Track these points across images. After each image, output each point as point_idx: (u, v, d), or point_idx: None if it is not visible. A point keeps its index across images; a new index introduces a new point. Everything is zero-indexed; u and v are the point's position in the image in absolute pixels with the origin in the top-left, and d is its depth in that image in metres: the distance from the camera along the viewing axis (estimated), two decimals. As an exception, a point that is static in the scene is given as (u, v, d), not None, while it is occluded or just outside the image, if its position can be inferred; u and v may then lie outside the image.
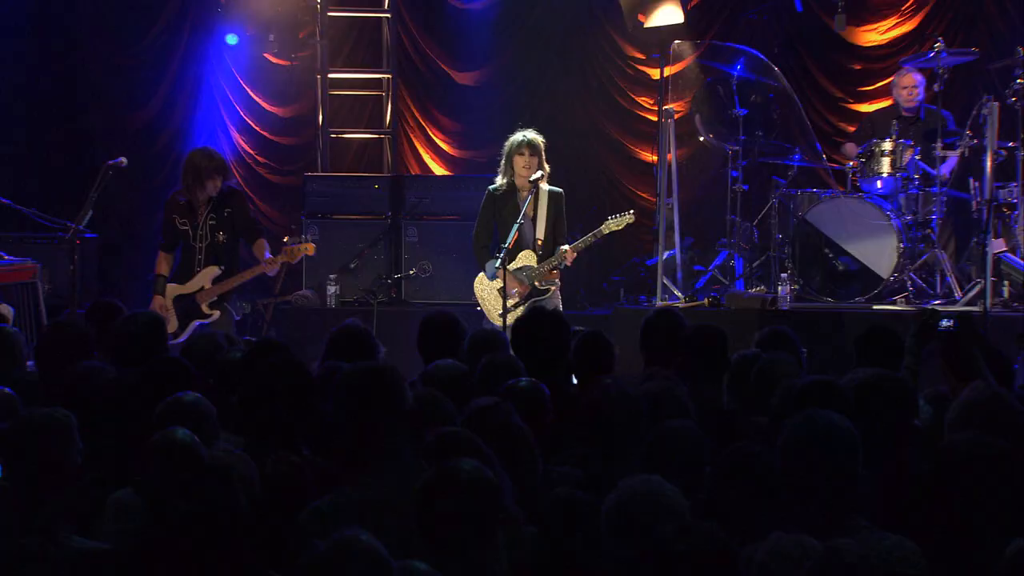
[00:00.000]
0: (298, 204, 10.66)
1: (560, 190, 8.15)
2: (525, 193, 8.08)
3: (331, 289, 10.02)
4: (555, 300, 8.03)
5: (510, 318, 7.82)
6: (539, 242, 8.05)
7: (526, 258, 8.08)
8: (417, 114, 11.80)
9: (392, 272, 10.27)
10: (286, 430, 4.24)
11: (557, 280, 8.09)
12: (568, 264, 7.95)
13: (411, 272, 10.20)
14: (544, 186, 8.07)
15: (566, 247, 7.89)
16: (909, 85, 9.98)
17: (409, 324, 8.11)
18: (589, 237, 7.89)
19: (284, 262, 8.32)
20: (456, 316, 5.71)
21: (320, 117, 11.50)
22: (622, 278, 10.72)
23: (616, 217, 7.96)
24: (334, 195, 10.43)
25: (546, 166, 8.10)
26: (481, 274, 7.97)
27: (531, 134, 8.11)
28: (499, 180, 8.11)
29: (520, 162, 8.02)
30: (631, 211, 7.98)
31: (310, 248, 8.36)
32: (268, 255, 8.22)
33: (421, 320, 5.72)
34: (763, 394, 4.66)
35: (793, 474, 3.59)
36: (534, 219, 8.07)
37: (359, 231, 10.34)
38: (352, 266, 10.20)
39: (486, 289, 8.15)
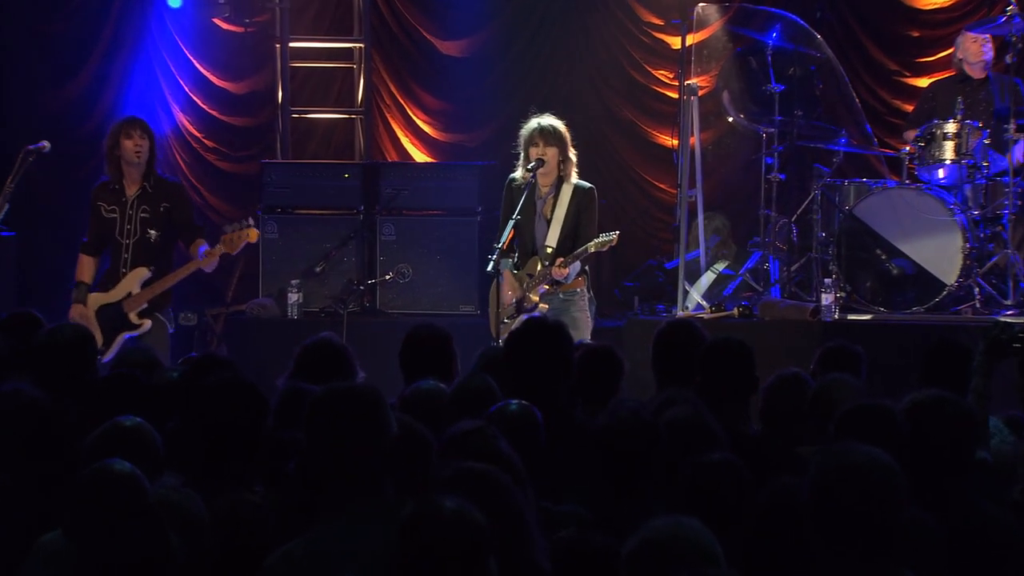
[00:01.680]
0: (253, 196, 10.68)
1: (588, 186, 8.16)
2: (546, 189, 8.12)
3: (293, 297, 10.04)
4: (575, 313, 8.02)
5: (505, 329, 7.87)
6: (548, 249, 8.07)
7: (532, 266, 8.12)
8: (395, 90, 11.84)
9: (365, 277, 10.30)
10: (234, 463, 4.27)
11: (581, 289, 8.10)
12: (558, 278, 7.97)
13: (387, 277, 10.23)
14: (572, 180, 8.10)
15: (560, 259, 7.93)
16: (978, 42, 9.95)
17: (385, 338, 8.18)
18: (577, 253, 7.92)
19: (224, 253, 8.30)
20: (446, 331, 5.75)
21: (280, 93, 11.53)
22: (636, 284, 10.76)
23: (603, 236, 7.94)
24: (296, 186, 10.45)
25: (572, 155, 8.11)
26: (496, 279, 7.99)
27: (547, 119, 8.11)
28: (519, 172, 8.15)
29: (535, 154, 8.04)
30: (616, 232, 7.97)
31: (253, 234, 8.33)
32: (205, 248, 8.24)
33: (406, 334, 5.75)
34: (821, 423, 4.69)
35: (823, 520, 3.57)
36: (550, 220, 8.10)
37: (326, 228, 10.37)
38: (318, 270, 10.22)
39: (491, 295, 8.20)
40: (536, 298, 8.02)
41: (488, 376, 5.12)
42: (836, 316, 9.29)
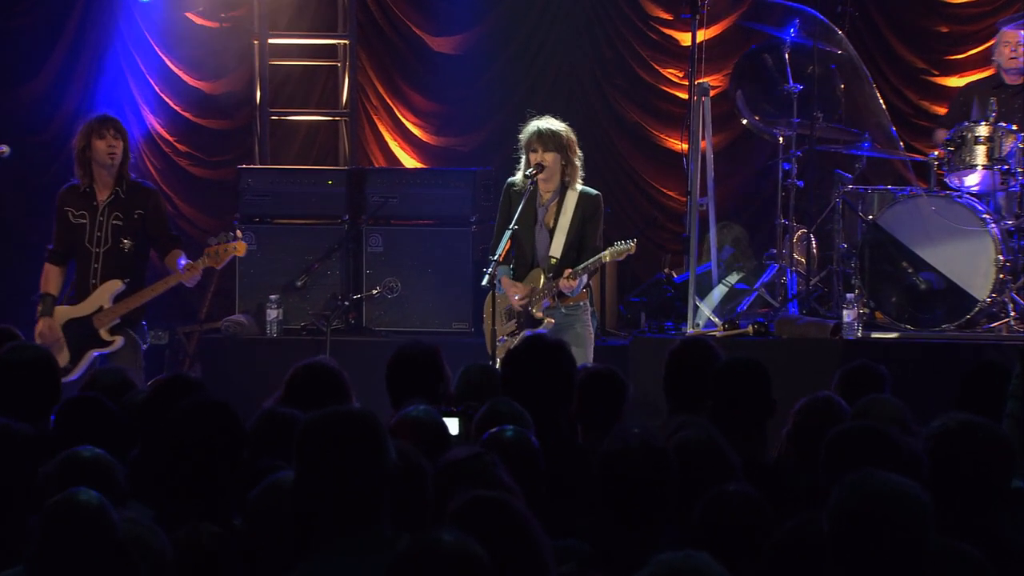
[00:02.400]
0: (229, 204, 10.69)
1: (595, 192, 8.16)
2: (548, 195, 8.12)
3: (272, 313, 10.04)
4: (578, 330, 8.01)
5: (505, 346, 7.87)
6: (552, 260, 8.07)
7: (534, 279, 8.11)
8: (382, 90, 11.85)
9: (350, 292, 10.29)
10: (206, 494, 4.26)
11: (584, 303, 8.09)
12: (565, 291, 7.96)
13: (374, 292, 10.23)
14: (577, 187, 8.10)
15: (568, 270, 7.91)
16: (1013, 42, 9.99)
17: (372, 358, 8.16)
18: (590, 264, 7.92)
19: (208, 267, 8.30)
20: (437, 348, 5.75)
21: (258, 94, 11.53)
22: (643, 299, 10.75)
23: (619, 245, 7.95)
24: (276, 193, 10.46)
25: (576, 160, 8.11)
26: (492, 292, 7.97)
27: (546, 123, 8.11)
28: (519, 176, 8.15)
29: (534, 160, 8.04)
30: (633, 239, 7.98)
31: (240, 248, 8.34)
32: (185, 261, 8.24)
33: (393, 353, 5.75)
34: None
35: (843, 553, 3.53)
36: (552, 230, 8.09)
37: (308, 239, 10.37)
38: (299, 284, 10.22)
39: (487, 309, 8.19)
40: (540, 313, 8.02)
41: (510, 400, 5.10)
42: (859, 334, 9.29)
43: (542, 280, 8.04)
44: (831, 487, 3.66)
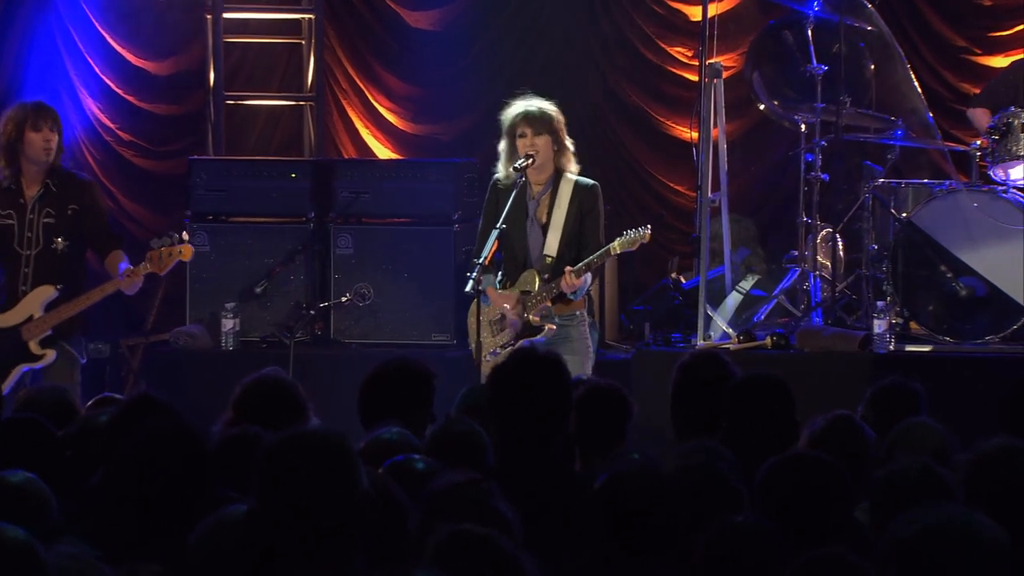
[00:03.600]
0: (179, 201, 10.67)
1: (591, 182, 8.13)
2: (539, 187, 8.10)
3: (228, 324, 10.02)
4: (574, 341, 8.00)
5: (495, 360, 7.84)
6: (547, 259, 8.04)
7: (527, 282, 8.08)
8: (352, 71, 11.84)
9: (316, 299, 10.28)
10: (164, 532, 4.25)
11: (580, 312, 8.06)
12: (567, 292, 7.94)
13: (344, 299, 10.22)
14: (571, 176, 8.07)
15: (570, 268, 7.88)
16: None
17: (340, 374, 8.17)
18: (596, 258, 7.89)
19: (151, 273, 8.28)
20: (427, 368, 5.74)
21: (211, 75, 11.52)
22: (648, 307, 10.74)
23: (630, 233, 7.92)
24: (232, 188, 10.44)
25: (568, 143, 8.08)
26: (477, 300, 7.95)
27: (535, 104, 8.08)
28: (502, 169, 8.12)
29: (523, 147, 8.02)
30: (647, 226, 7.95)
31: (187, 251, 8.32)
32: (125, 266, 8.21)
33: (372, 370, 5.73)
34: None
35: None
36: (546, 226, 8.07)
37: (268, 240, 10.35)
38: (258, 290, 10.21)
39: (474, 323, 8.16)
40: (538, 319, 7.99)
41: (472, 421, 5.11)
42: (891, 347, 9.30)
43: (537, 282, 8.01)
44: (881, 524, 3.63)
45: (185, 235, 8.39)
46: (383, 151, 11.74)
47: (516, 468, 4.95)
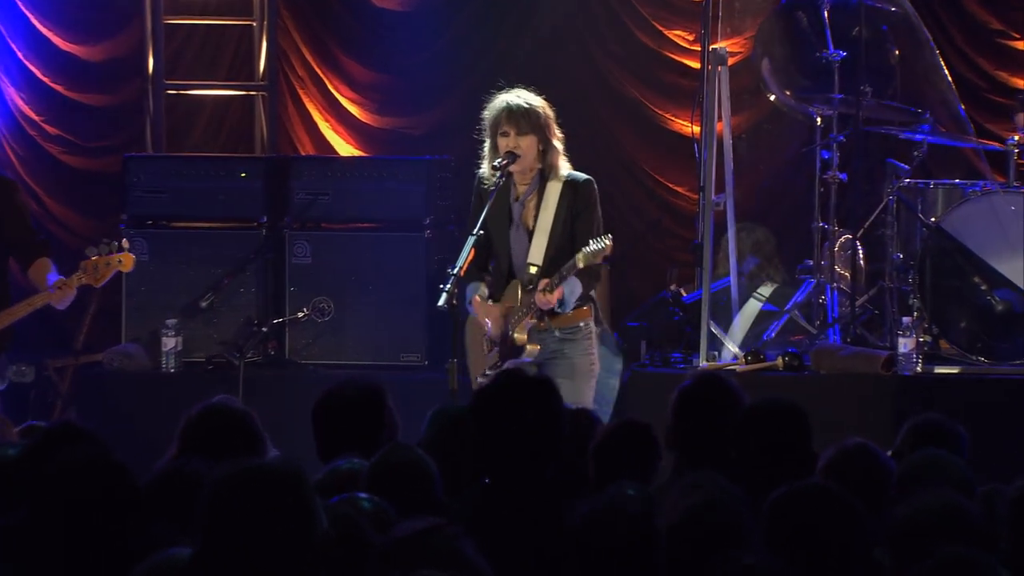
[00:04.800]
0: (114, 203, 10.66)
1: (585, 177, 8.09)
2: (524, 188, 8.09)
3: (169, 343, 10.00)
4: (574, 359, 7.98)
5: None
6: (532, 269, 8.01)
7: (511, 294, 8.06)
8: (310, 57, 11.83)
9: (269, 315, 10.27)
10: (95, 573, 4.24)
11: (585, 322, 8.02)
12: (544, 308, 7.90)
13: (300, 315, 10.20)
14: (561, 172, 8.06)
15: (543, 282, 7.84)
16: None
17: (297, 399, 8.12)
18: (564, 270, 7.84)
19: (85, 285, 8.26)
20: (382, 388, 5.72)
21: (150, 61, 11.50)
22: (644, 324, 10.75)
23: (587, 247, 7.84)
24: (174, 189, 10.41)
25: (557, 142, 8.07)
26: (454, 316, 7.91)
27: (518, 97, 8.06)
28: (486, 167, 8.11)
29: (505, 146, 8.01)
30: (607, 236, 7.91)
31: (127, 261, 8.28)
32: (55, 277, 8.20)
33: (322, 394, 5.72)
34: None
35: None
36: (532, 230, 8.05)
37: (215, 248, 10.34)
38: (204, 305, 10.19)
39: (470, 334, 8.14)
40: (523, 337, 7.95)
41: (419, 449, 5.10)
42: (918, 369, 9.31)
43: (520, 295, 7.99)
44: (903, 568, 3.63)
45: (125, 243, 8.37)
46: (345, 147, 11.73)
47: (499, 504, 4.95)
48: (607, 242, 7.79)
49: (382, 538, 4.22)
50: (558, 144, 8.05)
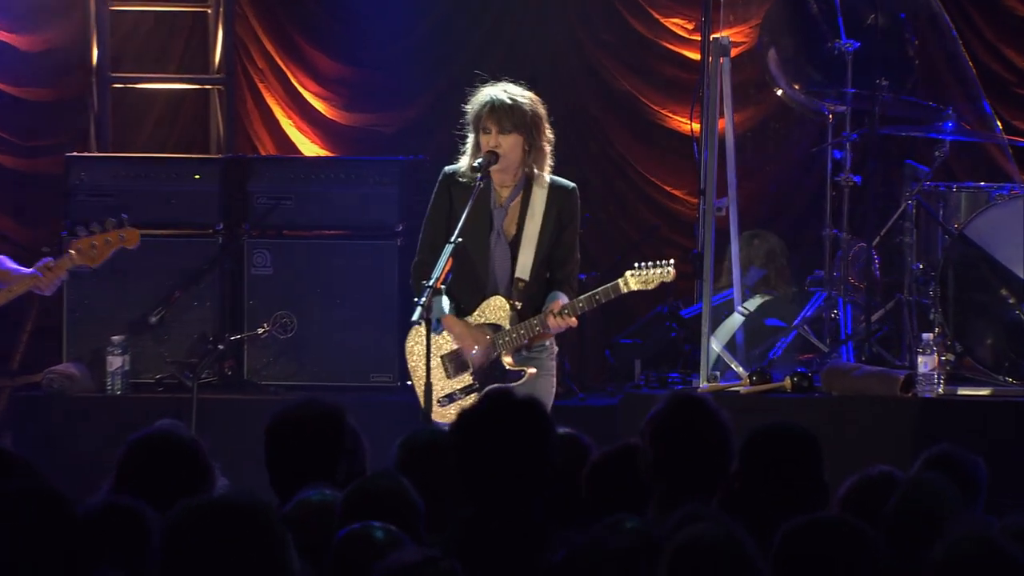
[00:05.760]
0: (55, 208, 10.64)
1: (571, 185, 8.09)
2: (506, 192, 8.08)
3: (115, 362, 9.98)
4: (538, 379, 7.99)
5: (454, 408, 7.82)
6: (520, 284, 8.00)
7: (494, 311, 8.04)
8: (272, 48, 11.81)
9: (226, 331, 10.27)
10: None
11: (551, 342, 8.02)
12: (552, 331, 7.90)
13: (260, 331, 10.19)
14: (545, 176, 8.06)
15: (559, 303, 7.85)
16: None
17: (257, 424, 8.10)
18: (599, 294, 7.87)
19: (80, 266, 8.24)
20: (341, 409, 5.71)
21: (94, 52, 11.48)
22: (639, 341, 10.75)
23: (644, 269, 7.89)
24: (122, 193, 10.40)
25: (546, 144, 8.05)
26: (417, 326, 7.90)
27: (503, 92, 8.04)
28: (464, 161, 8.08)
29: (487, 144, 8.00)
30: (670, 261, 7.97)
31: (131, 237, 8.30)
32: (14, 265, 8.19)
33: (271, 418, 5.70)
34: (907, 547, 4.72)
35: None
36: (516, 241, 8.04)
37: (167, 257, 10.33)
38: (153, 320, 10.17)
39: (420, 353, 8.10)
40: (511, 361, 7.94)
41: (403, 477, 5.10)
42: (940, 390, 9.29)
43: (508, 315, 7.96)
44: None
45: (124, 217, 8.34)
46: (309, 147, 11.72)
47: (486, 535, 4.96)
48: (670, 270, 7.88)
49: (376, 568, 4.22)
50: (547, 146, 8.03)
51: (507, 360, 7.95)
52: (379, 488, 5.02)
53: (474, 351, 7.95)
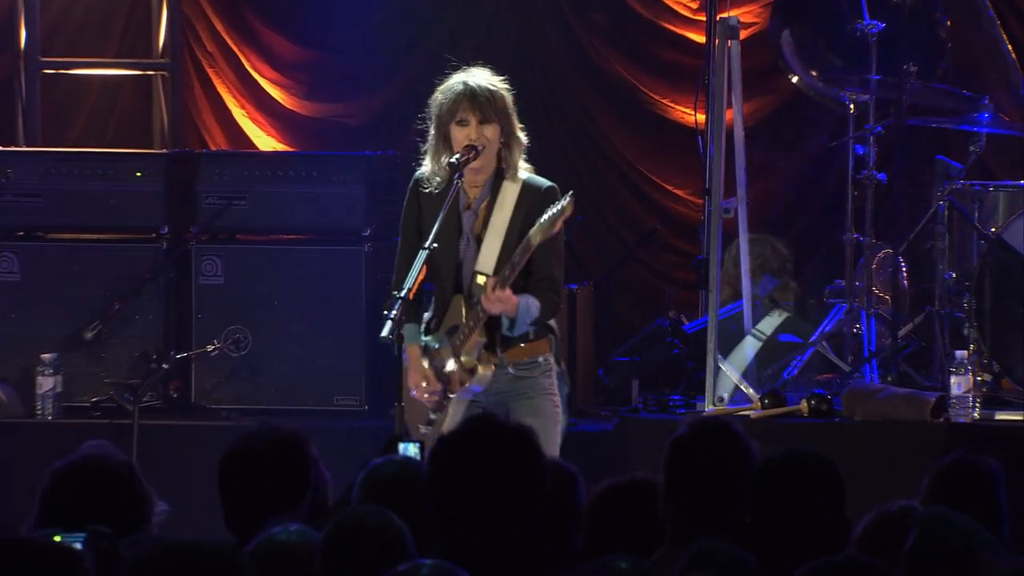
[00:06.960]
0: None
1: (547, 184, 8.10)
2: (475, 192, 8.10)
3: (46, 383, 9.98)
4: (534, 399, 7.99)
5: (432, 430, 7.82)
6: (480, 277, 7.98)
7: (452, 313, 8.04)
8: (223, 29, 11.84)
9: (171, 348, 10.27)
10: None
11: (544, 357, 8.01)
12: (493, 311, 7.86)
13: (210, 348, 10.20)
14: (521, 174, 8.07)
15: (491, 279, 7.81)
16: None
17: (206, 452, 8.13)
18: (516, 256, 7.80)
19: None
20: (304, 436, 5.72)
21: (22, 34, 11.50)
22: (636, 359, 10.76)
23: (548, 212, 7.82)
24: (53, 192, 10.41)
25: (520, 136, 8.07)
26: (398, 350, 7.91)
27: (478, 77, 8.07)
28: (427, 165, 8.09)
29: (464, 138, 8.01)
30: (569, 192, 7.87)
31: None
32: None
33: (227, 449, 5.72)
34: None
35: None
36: (481, 236, 8.05)
37: (104, 265, 10.35)
38: (89, 336, 10.18)
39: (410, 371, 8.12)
40: (472, 360, 7.90)
41: (387, 510, 5.11)
42: (975, 415, 9.33)
43: (464, 311, 7.96)
44: None
45: None
46: (265, 140, 11.74)
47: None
48: (567, 201, 7.74)
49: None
50: (521, 137, 8.05)
51: (466, 360, 7.90)
52: (366, 525, 5.02)
53: (423, 386, 7.95)
